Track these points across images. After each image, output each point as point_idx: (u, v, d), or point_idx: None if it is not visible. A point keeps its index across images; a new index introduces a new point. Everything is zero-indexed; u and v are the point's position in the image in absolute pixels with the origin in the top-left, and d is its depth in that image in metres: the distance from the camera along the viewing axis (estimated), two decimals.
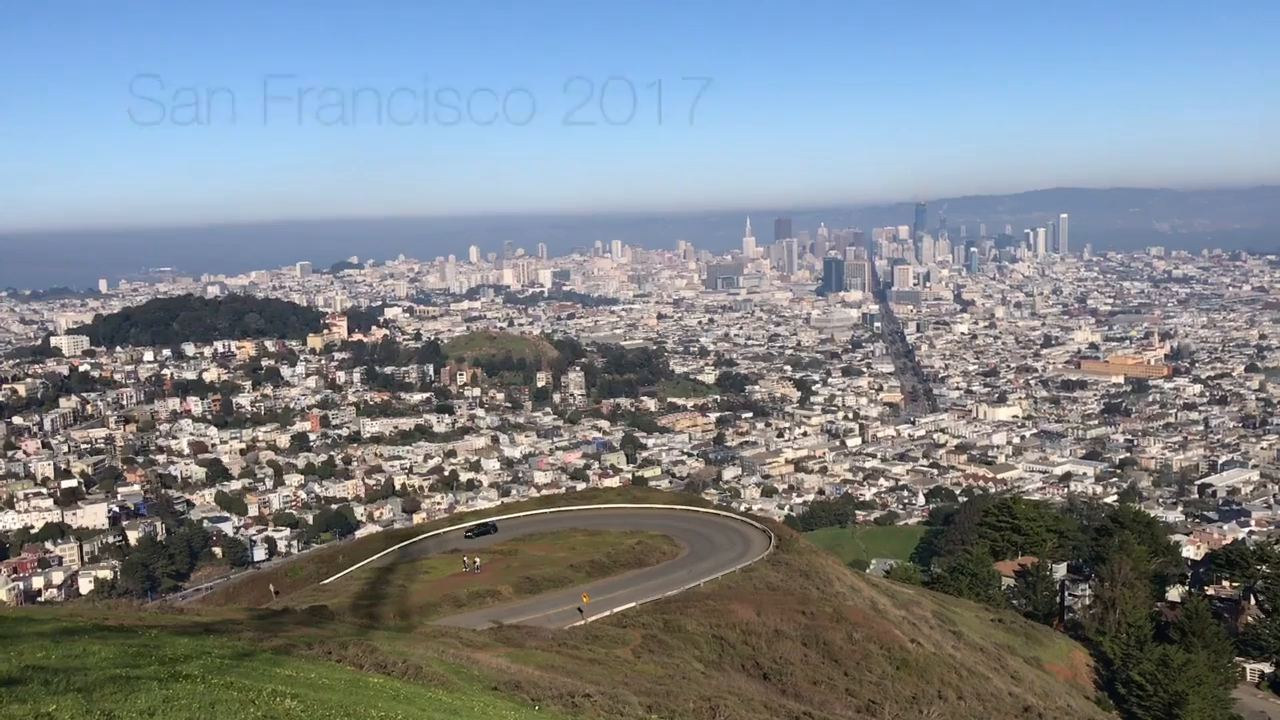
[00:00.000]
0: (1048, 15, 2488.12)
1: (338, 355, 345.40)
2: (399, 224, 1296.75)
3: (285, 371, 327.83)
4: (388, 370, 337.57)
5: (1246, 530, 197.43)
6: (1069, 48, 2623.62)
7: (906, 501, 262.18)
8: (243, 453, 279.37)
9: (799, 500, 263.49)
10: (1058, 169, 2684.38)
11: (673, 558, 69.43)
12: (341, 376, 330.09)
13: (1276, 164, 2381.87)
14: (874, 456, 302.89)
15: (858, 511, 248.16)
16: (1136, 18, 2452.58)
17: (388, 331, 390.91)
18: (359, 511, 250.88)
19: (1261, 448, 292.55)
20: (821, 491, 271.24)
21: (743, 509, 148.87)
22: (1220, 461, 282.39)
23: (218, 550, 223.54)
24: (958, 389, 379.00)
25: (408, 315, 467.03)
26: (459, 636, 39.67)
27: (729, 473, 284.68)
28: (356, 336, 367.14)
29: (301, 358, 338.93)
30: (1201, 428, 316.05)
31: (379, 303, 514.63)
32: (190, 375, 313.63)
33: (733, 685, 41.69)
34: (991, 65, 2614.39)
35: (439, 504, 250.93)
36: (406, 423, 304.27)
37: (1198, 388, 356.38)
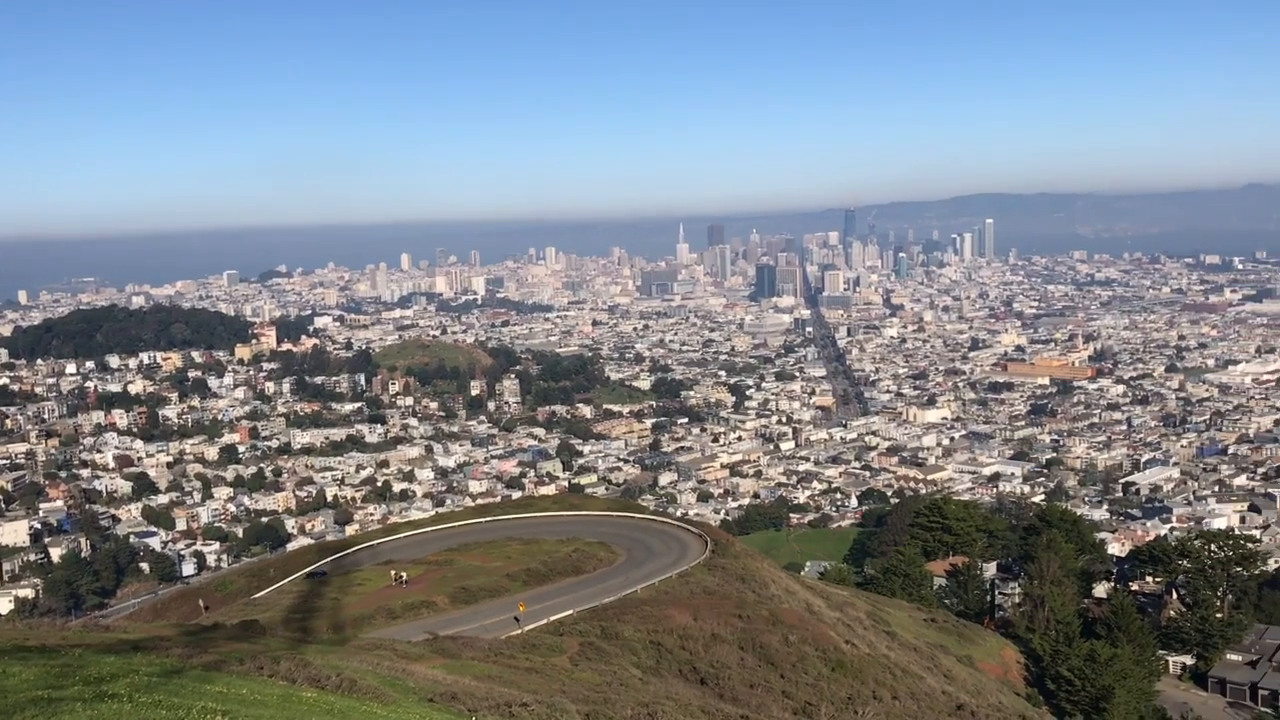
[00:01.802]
0: (970, 27, 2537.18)
1: (267, 365, 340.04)
2: (329, 232, 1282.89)
3: (213, 383, 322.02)
4: (318, 380, 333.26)
5: (1168, 527, 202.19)
6: (994, 58, 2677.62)
7: (839, 504, 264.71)
8: (170, 466, 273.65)
9: (734, 504, 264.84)
10: (984, 175, 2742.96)
11: (609, 564, 69.40)
12: (271, 387, 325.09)
13: (1194, 170, 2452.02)
14: (807, 460, 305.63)
15: (792, 514, 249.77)
16: (1058, 29, 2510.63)
17: (318, 341, 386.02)
18: (290, 524, 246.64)
19: (1182, 446, 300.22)
20: (756, 495, 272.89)
21: (679, 514, 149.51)
22: (1143, 460, 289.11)
23: (145, 566, 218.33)
24: (888, 392, 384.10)
25: (338, 324, 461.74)
26: (394, 648, 39.25)
27: (665, 478, 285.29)
28: (286, 346, 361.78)
29: (230, 368, 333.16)
30: (1124, 427, 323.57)
31: (309, 312, 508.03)
32: (115, 388, 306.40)
33: (670, 691, 41.76)
34: (918, 74, 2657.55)
35: (372, 515, 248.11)
36: (338, 433, 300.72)
37: (1120, 388, 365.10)
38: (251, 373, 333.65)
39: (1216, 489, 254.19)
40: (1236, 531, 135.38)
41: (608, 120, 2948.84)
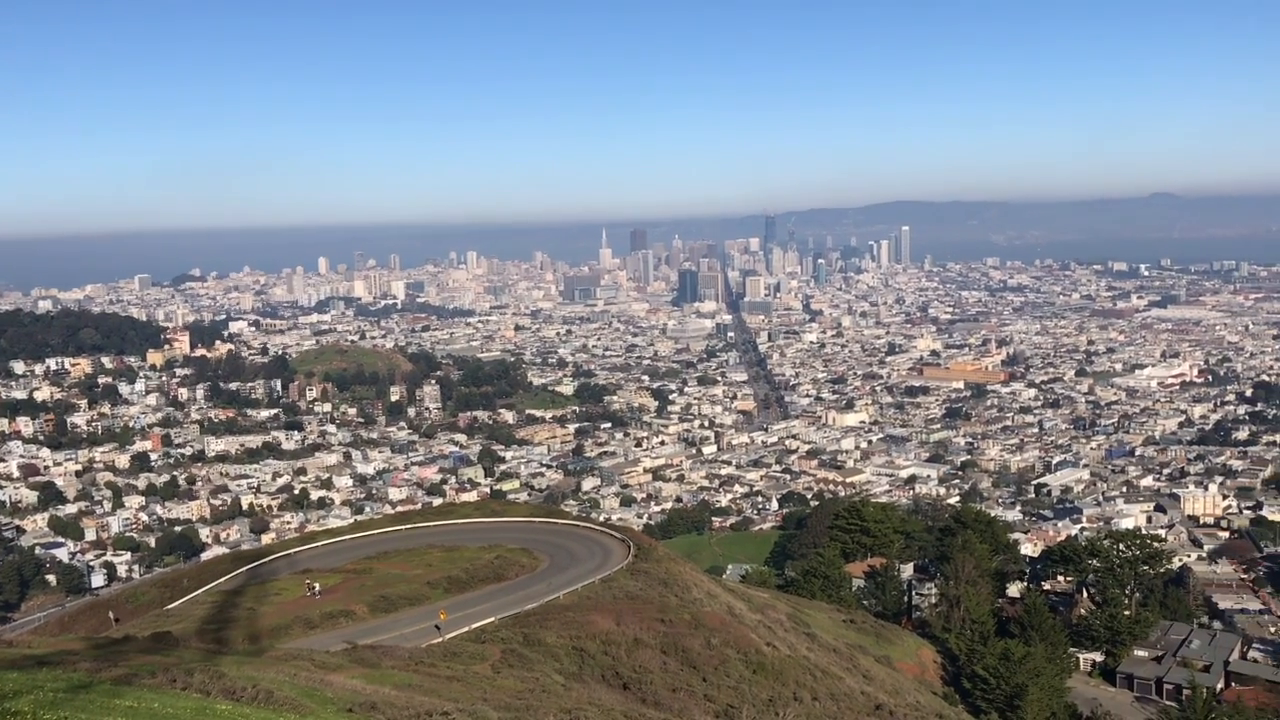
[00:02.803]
0: (885, 38, 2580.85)
1: (180, 371, 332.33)
2: (244, 235, 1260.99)
3: (124, 389, 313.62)
4: (233, 386, 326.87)
5: (1079, 527, 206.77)
6: (908, 69, 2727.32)
7: (760, 507, 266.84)
8: (78, 474, 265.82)
9: (657, 509, 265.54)
10: (900, 183, 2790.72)
11: (532, 571, 69.09)
12: (184, 393, 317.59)
13: (1103, 179, 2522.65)
14: (729, 463, 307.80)
15: (714, 518, 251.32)
16: (969, 42, 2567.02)
17: (233, 346, 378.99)
18: (204, 533, 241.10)
19: (1091, 448, 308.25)
20: (679, 499, 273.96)
21: (602, 519, 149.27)
22: (1054, 462, 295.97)
23: (51, 578, 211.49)
24: (808, 396, 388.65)
25: (254, 329, 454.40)
26: (311, 659, 38.63)
27: (588, 483, 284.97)
28: (200, 351, 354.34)
29: (141, 374, 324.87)
30: (1036, 430, 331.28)
31: (223, 316, 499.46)
32: (20, 394, 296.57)
33: (593, 696, 41.74)
34: (836, 83, 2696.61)
35: (289, 523, 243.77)
36: (254, 440, 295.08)
37: (1032, 392, 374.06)
38: (164, 379, 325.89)
39: (1124, 490, 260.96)
40: (1143, 531, 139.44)
41: (529, 124, 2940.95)
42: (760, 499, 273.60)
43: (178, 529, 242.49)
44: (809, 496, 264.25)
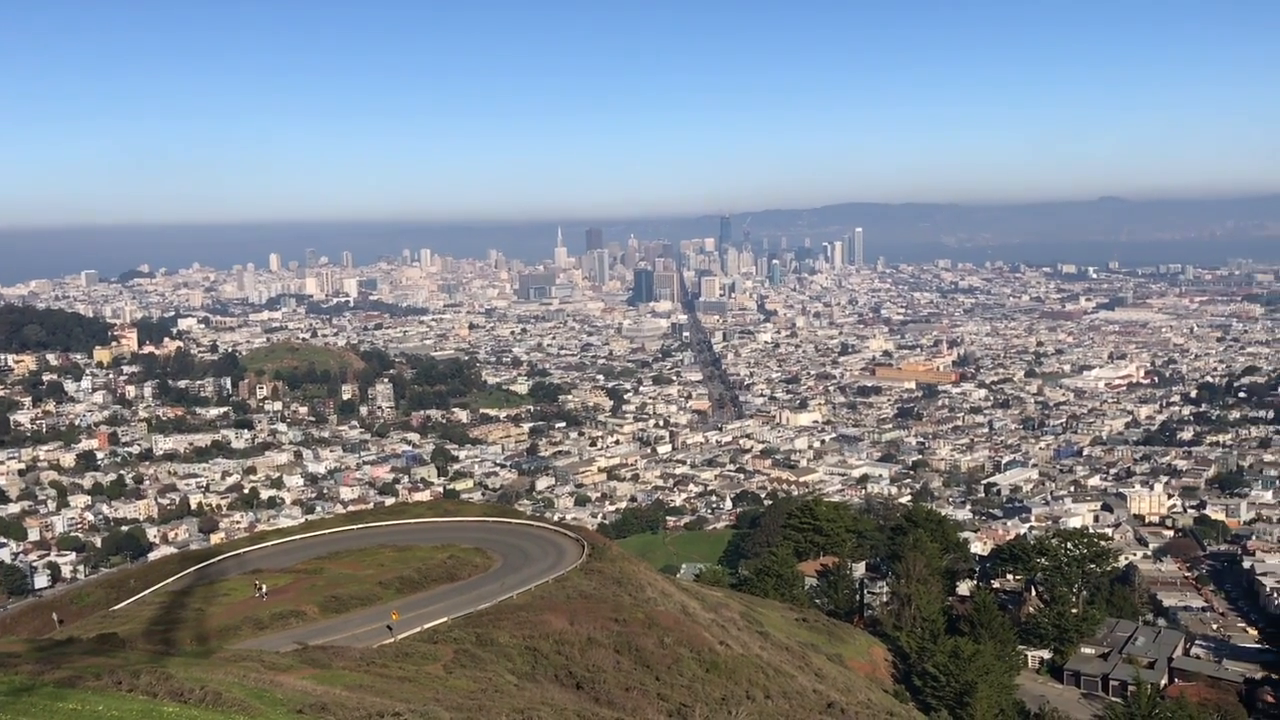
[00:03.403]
0: (838, 41, 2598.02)
1: (127, 369, 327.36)
2: (194, 231, 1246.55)
3: (70, 386, 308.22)
4: (182, 384, 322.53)
5: (1027, 526, 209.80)
6: (862, 71, 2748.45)
7: (715, 506, 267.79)
8: (22, 473, 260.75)
9: (611, 508, 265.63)
10: (853, 185, 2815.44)
11: (485, 570, 68.76)
12: (132, 391, 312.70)
13: (1052, 182, 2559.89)
14: (683, 463, 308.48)
15: (668, 517, 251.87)
16: (921, 45, 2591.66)
17: (182, 343, 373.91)
18: (152, 533, 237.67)
19: (1040, 448, 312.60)
20: (633, 499, 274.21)
21: (556, 519, 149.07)
22: (1003, 462, 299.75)
23: None
24: (762, 396, 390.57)
25: (204, 326, 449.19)
26: (261, 659, 38.22)
27: (542, 483, 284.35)
28: (148, 349, 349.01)
29: (88, 372, 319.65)
30: (986, 430, 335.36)
31: (172, 313, 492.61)
32: None
33: (546, 696, 41.65)
34: (791, 84, 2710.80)
35: (239, 523, 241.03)
36: (203, 439, 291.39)
37: (982, 392, 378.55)
38: (111, 376, 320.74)
39: (1072, 489, 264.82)
40: (1090, 530, 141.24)
41: (485, 122, 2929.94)
42: (714, 498, 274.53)
43: (124, 529, 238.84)
44: (763, 496, 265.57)
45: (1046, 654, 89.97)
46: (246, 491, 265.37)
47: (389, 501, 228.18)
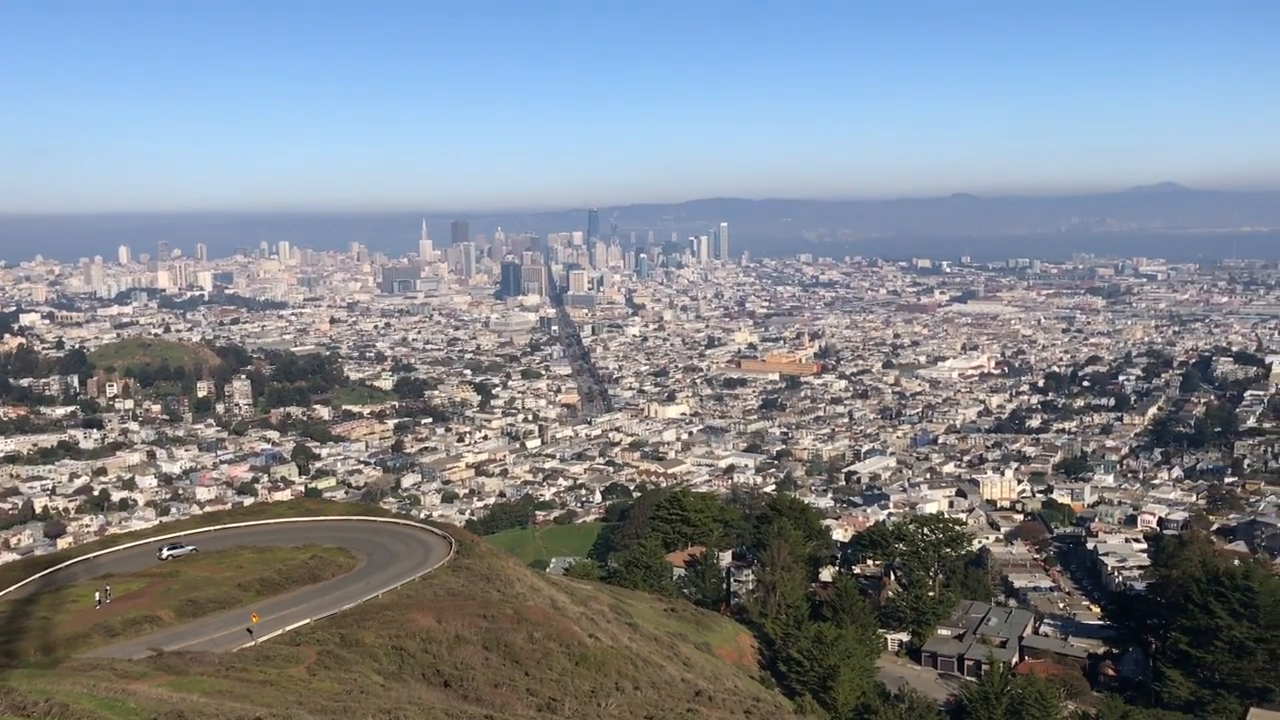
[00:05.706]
0: (702, 39, 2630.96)
1: None
2: (36, 222, 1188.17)
3: None
4: (25, 382, 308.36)
5: (886, 512, 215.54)
6: (722, 65, 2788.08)
7: (584, 499, 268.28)
8: None
9: (480, 504, 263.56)
10: (718, 180, 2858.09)
11: (349, 570, 67.43)
12: None
13: (908, 179, 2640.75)
14: (553, 457, 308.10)
15: (538, 512, 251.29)
16: (785, 43, 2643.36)
17: (24, 340, 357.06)
18: None
19: (898, 436, 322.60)
20: (502, 494, 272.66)
21: (423, 516, 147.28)
22: (863, 450, 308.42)
23: None
24: (631, 389, 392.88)
25: (48, 322, 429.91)
26: (113, 668, 36.75)
27: (408, 480, 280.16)
28: None
29: None
30: (846, 420, 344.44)
31: (13, 308, 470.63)
32: None
33: (413, 695, 41.13)
34: (655, 78, 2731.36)
35: (88, 526, 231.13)
36: (48, 439, 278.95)
37: (843, 383, 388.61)
38: None
39: (928, 476, 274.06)
40: (945, 515, 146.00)
41: (347, 110, 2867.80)
42: (584, 492, 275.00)
43: None
44: (632, 488, 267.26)
45: (905, 636, 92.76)
46: (96, 493, 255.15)
47: (248, 501, 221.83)
